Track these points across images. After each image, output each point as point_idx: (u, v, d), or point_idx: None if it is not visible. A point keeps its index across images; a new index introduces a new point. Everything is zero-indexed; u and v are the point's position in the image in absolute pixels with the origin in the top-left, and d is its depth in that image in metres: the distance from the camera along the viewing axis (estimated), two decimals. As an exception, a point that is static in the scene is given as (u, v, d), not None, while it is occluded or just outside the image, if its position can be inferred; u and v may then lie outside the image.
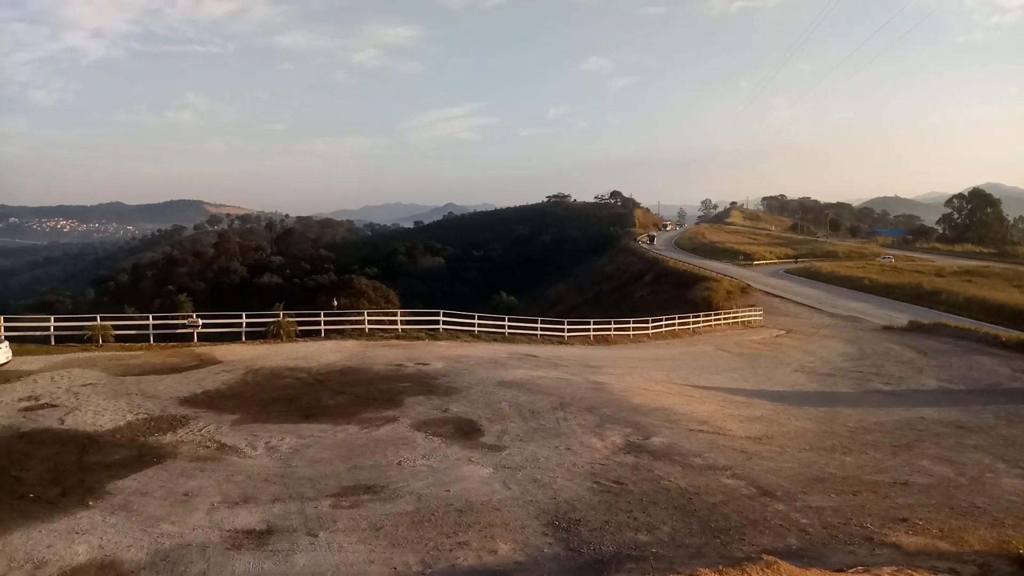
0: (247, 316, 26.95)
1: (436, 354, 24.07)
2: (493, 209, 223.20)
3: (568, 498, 10.63)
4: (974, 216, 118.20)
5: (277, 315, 27.22)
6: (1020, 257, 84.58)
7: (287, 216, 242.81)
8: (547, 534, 9.34)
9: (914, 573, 7.31)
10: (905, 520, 10.07)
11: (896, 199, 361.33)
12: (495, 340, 30.71)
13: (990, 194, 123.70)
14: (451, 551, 8.75)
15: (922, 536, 9.43)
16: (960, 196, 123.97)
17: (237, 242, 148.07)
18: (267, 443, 13.21)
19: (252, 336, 26.73)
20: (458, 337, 29.96)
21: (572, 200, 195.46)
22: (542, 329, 33.51)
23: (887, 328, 38.38)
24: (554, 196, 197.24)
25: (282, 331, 26.62)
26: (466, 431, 14.39)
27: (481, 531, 9.39)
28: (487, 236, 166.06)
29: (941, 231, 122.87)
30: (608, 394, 18.42)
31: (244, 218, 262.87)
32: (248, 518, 9.67)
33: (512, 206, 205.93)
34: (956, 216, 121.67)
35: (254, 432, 13.92)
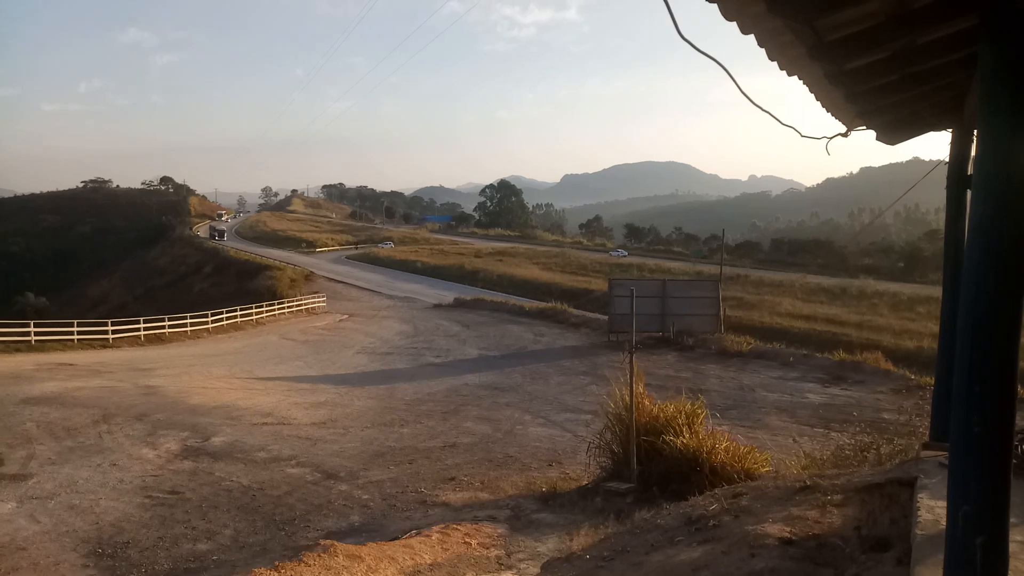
0: None
1: (-68, 374, 19.50)
2: (12, 196, 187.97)
3: (114, 520, 9.45)
4: (503, 204, 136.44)
5: None
6: (538, 239, 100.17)
7: None
8: (88, 566, 8.17)
9: (459, 526, 8.10)
10: (453, 479, 11.14)
11: (441, 188, 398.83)
12: (18, 350, 26.05)
13: (514, 185, 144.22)
14: (-43, 613, 7.16)
15: (467, 491, 10.53)
16: (491, 187, 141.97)
17: None
18: None
19: None
20: (-35, 351, 24.73)
21: (115, 186, 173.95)
22: (80, 332, 29.43)
23: (437, 306, 42.16)
24: (91, 181, 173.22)
25: None
26: (-23, 464, 11.91)
27: (0, 580, 7.85)
28: (5, 228, 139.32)
29: (478, 217, 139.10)
30: (162, 398, 16.94)
31: None
32: None
33: (38, 192, 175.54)
34: (489, 204, 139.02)
35: None
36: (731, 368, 21.46)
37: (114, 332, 30.38)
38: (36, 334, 28.03)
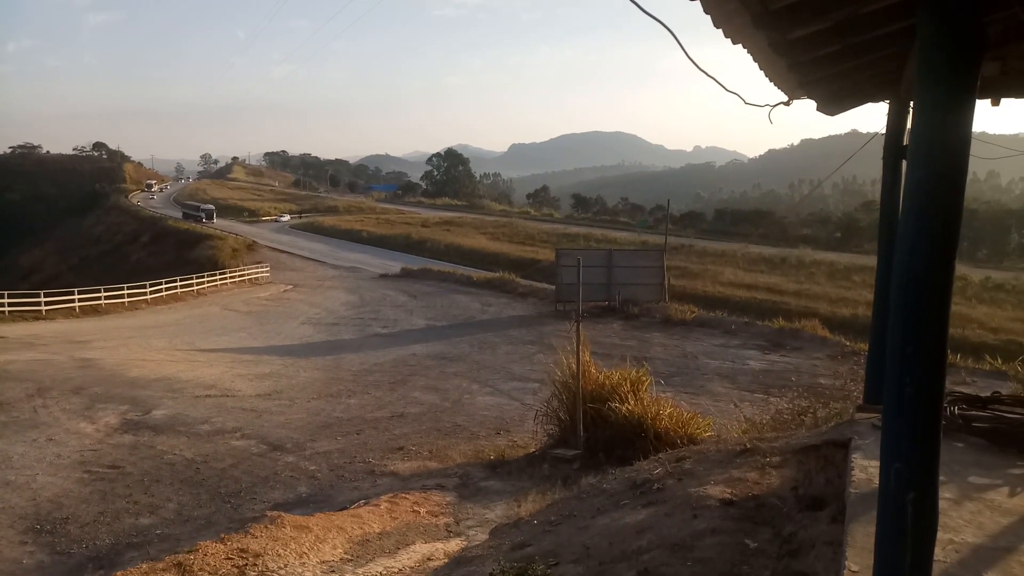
0: None
1: None
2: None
3: (52, 496, 9.23)
4: (450, 173, 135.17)
5: None
6: (485, 209, 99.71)
7: None
8: (27, 542, 7.99)
9: (407, 495, 8.13)
10: (401, 448, 11.17)
11: (387, 157, 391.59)
12: (-58, 323, 25.04)
13: (461, 154, 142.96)
14: None
15: (415, 460, 10.57)
16: (438, 155, 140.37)
17: None
18: None
19: None
20: None
21: (45, 152, 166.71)
22: (11, 304, 28.37)
23: (383, 276, 41.77)
24: (20, 146, 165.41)
25: None
26: (-101, 442, 11.44)
27: (-66, 558, 7.60)
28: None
29: (425, 187, 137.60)
30: (99, 371, 16.50)
31: None
32: None
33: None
34: (436, 173, 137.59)
35: None
36: (675, 336, 21.86)
37: (47, 303, 29.39)
38: (-37, 306, 26.93)
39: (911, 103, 5.48)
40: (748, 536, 4.11)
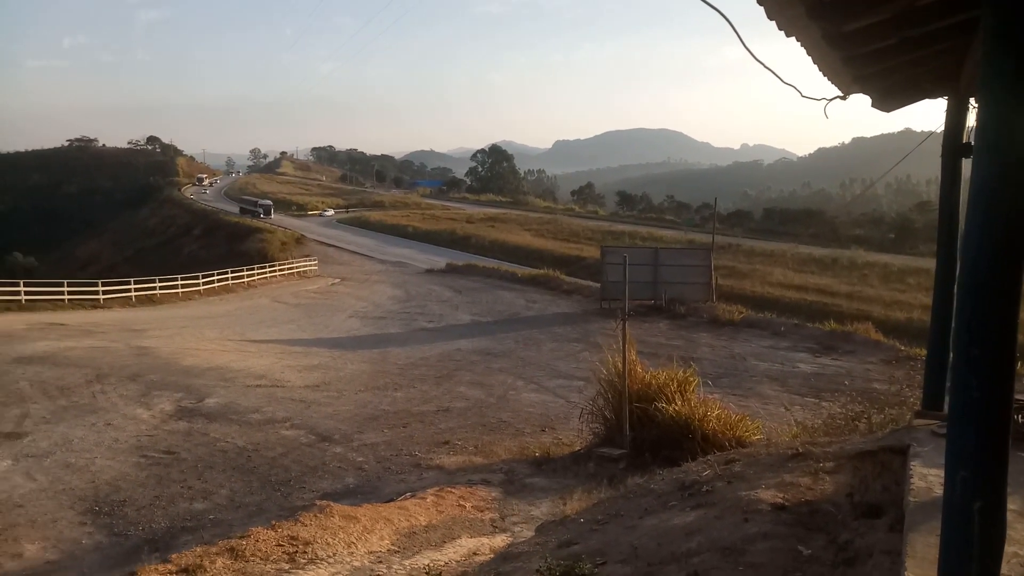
0: None
1: (-78, 334, 19.45)
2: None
3: (110, 478, 9.53)
4: (494, 170, 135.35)
5: None
6: (530, 205, 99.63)
7: None
8: (86, 523, 8.26)
9: (453, 489, 8.20)
10: (447, 443, 11.25)
11: (432, 153, 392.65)
12: (8, 310, 25.98)
13: (505, 150, 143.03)
14: (-43, 568, 7.21)
15: (461, 455, 10.64)
16: (483, 152, 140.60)
17: None
18: None
19: None
20: (-46, 310, 24.62)
21: (101, 145, 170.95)
22: (71, 293, 29.33)
23: (429, 271, 42.11)
24: (77, 140, 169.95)
25: None
26: (-29, 423, 11.92)
27: (0, 534, 7.92)
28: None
29: (469, 183, 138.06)
30: (155, 359, 16.96)
31: None
32: None
33: (23, 150, 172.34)
34: (480, 169, 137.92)
35: None
36: (723, 337, 21.58)
37: (105, 293, 30.34)
38: (26, 294, 27.95)
39: (971, 100, 5.35)
40: (801, 542, 4.05)
